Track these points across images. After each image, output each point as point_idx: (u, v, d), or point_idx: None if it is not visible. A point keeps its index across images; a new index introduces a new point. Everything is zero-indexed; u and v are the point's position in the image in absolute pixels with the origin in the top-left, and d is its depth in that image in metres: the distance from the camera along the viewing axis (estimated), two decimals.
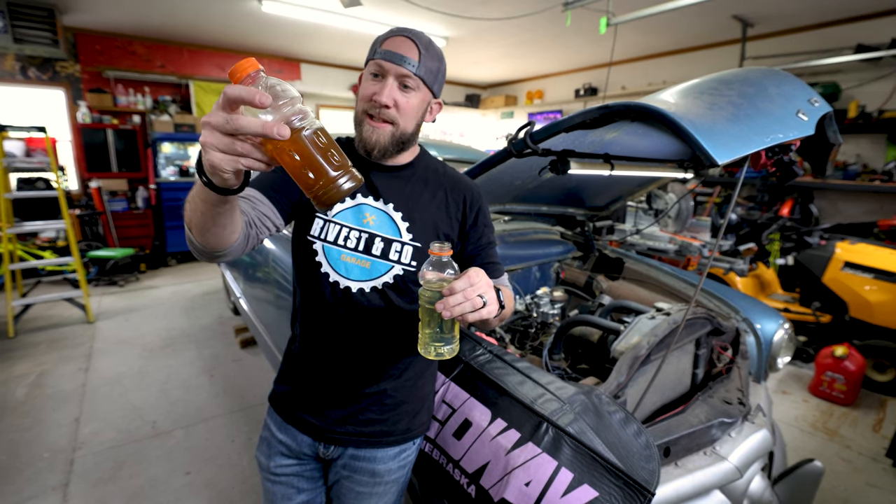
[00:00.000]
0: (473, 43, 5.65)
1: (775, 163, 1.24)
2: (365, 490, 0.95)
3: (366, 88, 0.85)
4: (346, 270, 0.88)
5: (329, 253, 0.89)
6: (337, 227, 0.88)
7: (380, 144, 0.86)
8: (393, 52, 0.83)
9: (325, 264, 0.89)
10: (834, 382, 2.74)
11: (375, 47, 0.85)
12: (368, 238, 0.88)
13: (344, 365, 0.92)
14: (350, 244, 0.88)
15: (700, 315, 1.41)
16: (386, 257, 0.88)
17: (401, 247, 0.88)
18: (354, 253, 0.88)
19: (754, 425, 1.30)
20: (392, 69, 0.83)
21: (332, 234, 0.88)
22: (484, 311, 0.67)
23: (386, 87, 0.83)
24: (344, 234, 0.88)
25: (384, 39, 0.85)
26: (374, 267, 0.88)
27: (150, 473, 2.06)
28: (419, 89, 0.86)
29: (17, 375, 2.89)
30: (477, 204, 0.97)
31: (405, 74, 0.83)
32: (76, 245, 3.73)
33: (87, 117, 5.30)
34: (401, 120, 0.85)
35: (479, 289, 0.67)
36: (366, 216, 0.89)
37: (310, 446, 0.96)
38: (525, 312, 1.86)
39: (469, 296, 0.65)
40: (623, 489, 0.85)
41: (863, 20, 4.24)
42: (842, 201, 4.50)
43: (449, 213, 0.93)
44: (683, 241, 3.18)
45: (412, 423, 0.98)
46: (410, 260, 0.88)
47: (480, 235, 0.97)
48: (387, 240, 0.88)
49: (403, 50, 0.83)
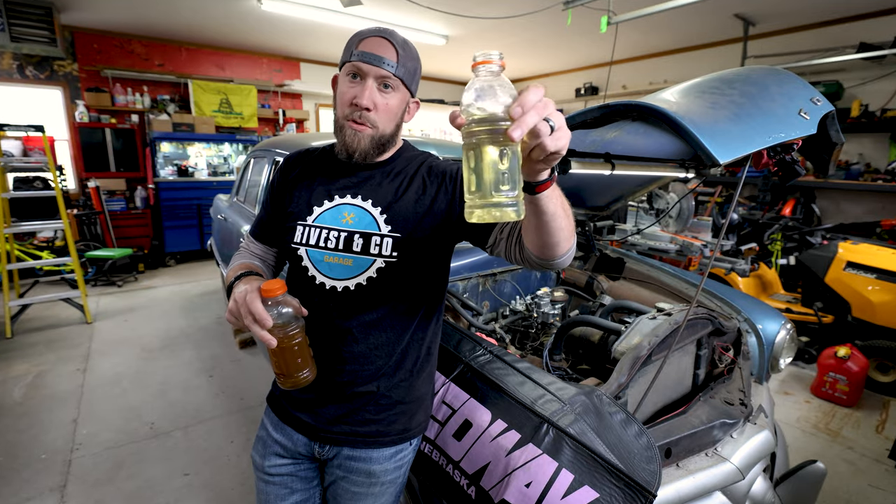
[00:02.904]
0: (474, 42, 5.64)
1: (777, 162, 1.23)
2: (361, 490, 0.94)
3: (345, 92, 0.85)
4: (330, 270, 0.90)
5: (313, 256, 0.91)
6: (317, 230, 0.91)
7: (361, 148, 0.87)
8: (371, 53, 0.83)
9: (311, 267, 0.91)
10: (836, 383, 2.73)
11: (351, 49, 0.85)
12: (347, 236, 0.89)
13: (336, 363, 0.91)
14: (331, 245, 0.89)
15: (701, 315, 1.40)
16: (367, 252, 0.88)
17: (380, 239, 0.88)
18: (336, 252, 0.89)
19: (756, 426, 1.29)
20: (371, 71, 0.83)
21: (313, 237, 0.90)
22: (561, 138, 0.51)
23: (366, 89, 0.83)
24: (324, 236, 0.90)
25: (360, 41, 0.84)
26: (357, 263, 0.89)
27: (149, 474, 2.05)
28: (398, 89, 0.86)
29: (14, 376, 2.88)
30: (460, 175, 0.93)
31: (384, 75, 0.84)
32: (74, 245, 3.72)
33: (84, 116, 5.29)
34: (380, 123, 0.86)
35: (548, 104, 0.50)
36: (345, 216, 0.91)
37: (305, 446, 0.96)
38: (525, 313, 1.85)
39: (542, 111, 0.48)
40: (624, 490, 0.84)
41: (865, 18, 4.23)
42: (844, 201, 4.49)
43: (428, 195, 0.91)
44: (685, 241, 3.17)
45: (409, 423, 0.97)
46: (391, 251, 0.88)
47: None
48: (366, 235, 0.88)
49: (381, 51, 0.83)
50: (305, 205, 0.94)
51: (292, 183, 0.98)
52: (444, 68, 7.51)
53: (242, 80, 6.35)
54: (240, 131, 6.18)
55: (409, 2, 4.09)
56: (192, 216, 5.62)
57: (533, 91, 0.49)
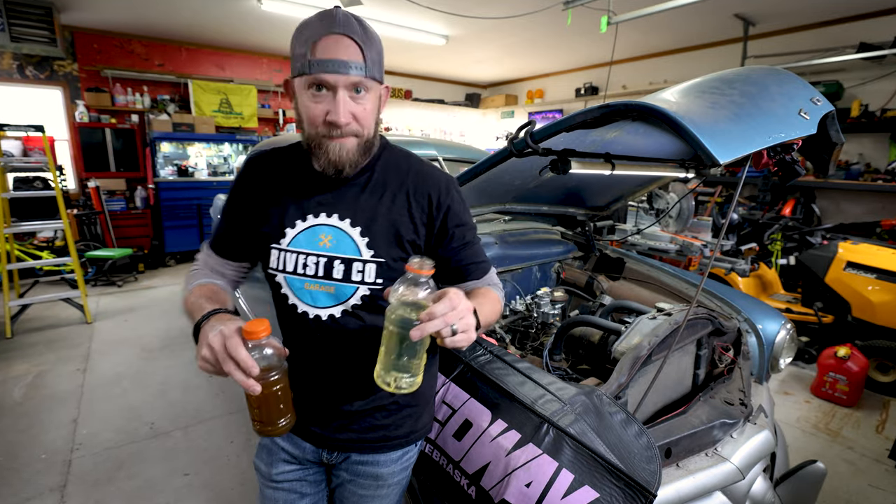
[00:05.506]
0: (474, 42, 5.64)
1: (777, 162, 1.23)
2: (368, 493, 0.94)
3: (312, 109, 0.75)
4: (313, 299, 0.83)
5: (292, 283, 0.84)
6: (293, 255, 0.82)
7: (350, 159, 0.79)
8: (334, 59, 0.71)
9: (292, 295, 0.84)
10: (836, 383, 2.73)
11: (306, 55, 0.72)
12: (327, 262, 0.81)
13: (333, 384, 0.89)
14: (310, 271, 0.82)
15: (701, 315, 1.39)
16: (349, 279, 0.82)
17: (362, 266, 0.81)
18: (316, 279, 0.82)
19: (756, 426, 1.29)
20: (340, 81, 0.72)
21: (290, 263, 0.83)
22: (460, 339, 0.63)
23: (339, 104, 0.73)
24: (302, 262, 0.82)
25: (314, 42, 0.72)
26: (340, 291, 0.82)
27: (149, 474, 2.05)
28: (372, 88, 0.77)
29: (14, 376, 2.88)
30: (446, 203, 0.86)
31: (356, 82, 0.74)
32: (74, 245, 3.72)
33: (84, 116, 5.29)
34: (363, 129, 0.78)
35: (460, 313, 0.63)
36: (321, 238, 0.82)
37: (313, 453, 0.95)
38: (525, 313, 1.84)
39: (450, 320, 0.61)
40: (624, 490, 0.84)
41: (865, 18, 4.23)
42: (844, 201, 4.49)
43: (413, 217, 0.84)
44: (685, 241, 3.17)
45: (415, 425, 0.96)
46: (375, 278, 0.82)
47: (451, 237, 0.87)
48: (346, 261, 0.81)
49: (345, 53, 0.72)
50: (278, 225, 0.84)
51: (260, 196, 0.87)
52: (444, 68, 7.51)
53: (242, 80, 6.35)
54: (240, 131, 6.18)
55: (409, 2, 4.09)
56: (192, 216, 5.62)
57: (443, 303, 0.62)
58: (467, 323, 0.64)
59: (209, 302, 0.78)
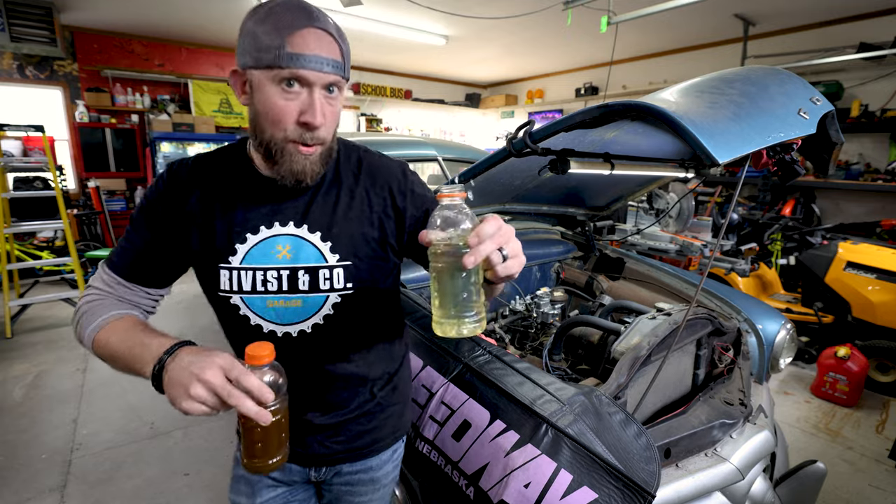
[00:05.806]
0: (474, 42, 5.64)
1: (777, 162, 1.23)
2: (366, 498, 0.94)
3: (282, 107, 0.66)
4: (279, 316, 0.76)
5: (252, 303, 0.75)
6: (249, 272, 0.74)
7: (313, 172, 0.72)
8: (314, 55, 0.65)
9: (254, 316, 0.76)
10: (836, 383, 2.73)
11: (281, 46, 0.64)
12: (290, 274, 0.74)
13: (313, 401, 0.84)
14: (272, 287, 0.74)
15: (701, 315, 1.39)
16: (316, 289, 0.75)
17: (329, 272, 0.75)
18: (280, 295, 0.75)
19: (756, 426, 1.29)
20: (318, 79, 0.66)
21: (246, 282, 0.74)
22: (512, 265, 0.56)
23: (316, 104, 0.66)
24: (261, 279, 0.74)
25: (291, 34, 0.64)
26: (308, 303, 0.76)
27: (149, 474, 2.05)
28: (342, 89, 0.72)
29: (14, 376, 2.88)
30: (408, 189, 0.82)
31: (333, 82, 0.68)
32: (74, 245, 3.72)
33: (84, 116, 5.30)
34: (328, 134, 0.71)
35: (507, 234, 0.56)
36: (278, 249, 0.74)
37: (300, 473, 0.91)
38: (525, 313, 1.84)
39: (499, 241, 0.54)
40: (623, 491, 0.84)
41: (865, 19, 4.23)
42: (844, 201, 4.49)
43: (374, 213, 0.79)
44: (684, 241, 3.17)
45: (399, 423, 0.96)
46: (345, 283, 0.76)
47: (425, 207, 0.82)
48: (311, 269, 0.75)
49: (324, 49, 0.66)
50: (225, 242, 0.74)
51: (192, 210, 0.76)
52: (444, 68, 7.51)
53: None
54: (240, 131, 6.18)
55: (409, 2, 4.09)
56: None
57: (489, 223, 0.55)
58: (516, 247, 0.58)
59: (149, 335, 0.68)
